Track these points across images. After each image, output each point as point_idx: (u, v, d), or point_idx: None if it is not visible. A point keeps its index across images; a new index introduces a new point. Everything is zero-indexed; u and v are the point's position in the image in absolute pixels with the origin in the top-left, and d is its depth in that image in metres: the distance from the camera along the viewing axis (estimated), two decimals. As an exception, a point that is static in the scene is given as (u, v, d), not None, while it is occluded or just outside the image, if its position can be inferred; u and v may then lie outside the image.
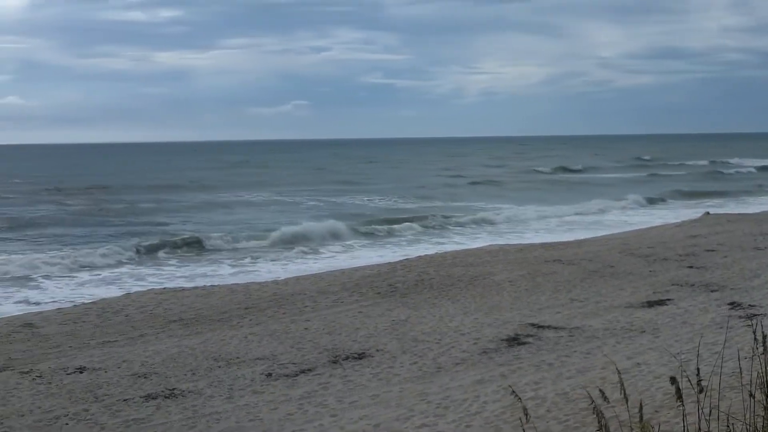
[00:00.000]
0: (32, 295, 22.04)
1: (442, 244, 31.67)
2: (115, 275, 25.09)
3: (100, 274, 25.20)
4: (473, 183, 68.10)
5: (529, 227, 38.00)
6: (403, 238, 34.20)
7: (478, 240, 32.03)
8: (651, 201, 49.96)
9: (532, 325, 14.71)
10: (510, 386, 6.66)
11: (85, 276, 24.98)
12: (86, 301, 19.29)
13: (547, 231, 35.81)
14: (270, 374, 12.24)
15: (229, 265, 26.91)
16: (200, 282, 22.55)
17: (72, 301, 20.15)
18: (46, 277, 24.64)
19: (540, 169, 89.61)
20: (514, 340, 13.63)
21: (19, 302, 21.02)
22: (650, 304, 16.15)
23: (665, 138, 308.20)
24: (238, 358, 13.24)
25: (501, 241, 29.67)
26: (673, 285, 18.15)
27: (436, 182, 70.42)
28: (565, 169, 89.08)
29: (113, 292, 21.41)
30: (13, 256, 28.49)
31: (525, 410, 4.37)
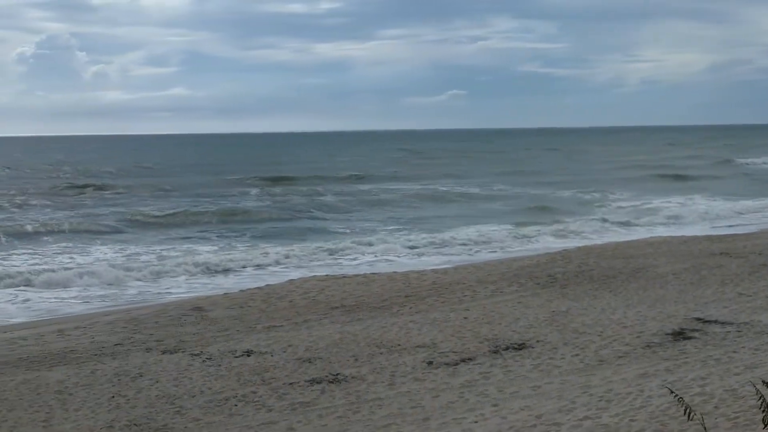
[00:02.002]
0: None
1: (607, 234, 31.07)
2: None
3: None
4: (660, 175, 63.43)
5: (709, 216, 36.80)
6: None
7: (649, 231, 31.23)
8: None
9: (698, 319, 14.29)
10: (671, 383, 6.51)
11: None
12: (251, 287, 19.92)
13: (720, 221, 34.58)
14: (431, 362, 12.35)
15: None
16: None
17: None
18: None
19: (732, 159, 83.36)
20: (680, 335, 13.28)
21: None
22: (826, 300, 15.42)
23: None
24: (399, 345, 13.40)
25: (668, 233, 28.88)
26: None
27: (626, 174, 66.04)
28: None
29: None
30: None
31: (688, 408, 4.27)
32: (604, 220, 35.51)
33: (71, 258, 26.89)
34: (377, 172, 69.97)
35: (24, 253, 27.87)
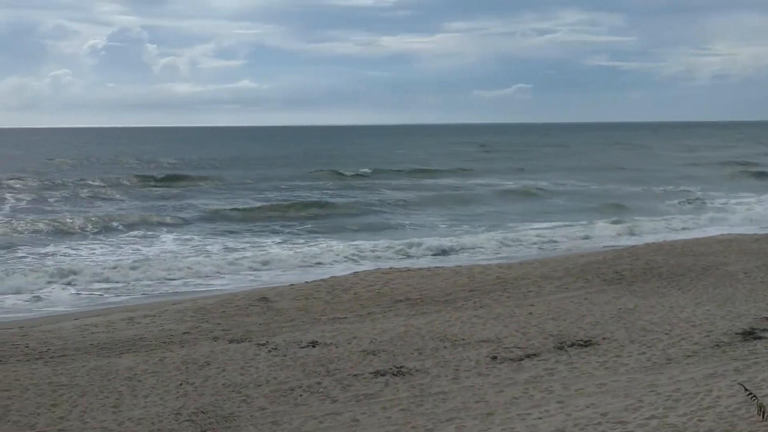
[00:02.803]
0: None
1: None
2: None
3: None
4: (734, 172, 61.93)
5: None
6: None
7: (720, 229, 30.68)
8: None
9: (769, 319, 14.03)
10: (743, 383, 6.40)
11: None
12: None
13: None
14: (495, 357, 12.32)
15: None
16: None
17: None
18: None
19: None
20: (750, 334, 13.04)
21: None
22: None
23: None
24: (463, 339, 13.39)
25: (740, 231, 28.35)
26: None
27: (697, 170, 64.10)
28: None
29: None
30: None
31: (762, 407, 4.21)
32: (674, 217, 35.05)
33: (150, 247, 27.69)
34: (449, 166, 69.17)
35: (98, 244, 28.55)
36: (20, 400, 10.79)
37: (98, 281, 21.53)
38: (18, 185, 50.03)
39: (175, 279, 22.06)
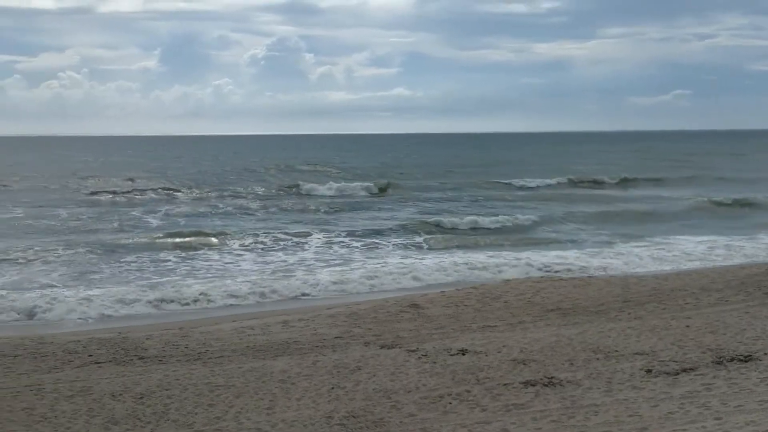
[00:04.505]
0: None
1: None
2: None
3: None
4: None
5: None
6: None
7: None
8: None
9: None
10: None
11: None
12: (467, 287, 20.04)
13: None
14: (650, 370, 12.00)
15: None
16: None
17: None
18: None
19: None
20: None
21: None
22: None
23: None
24: (616, 351, 13.11)
25: None
26: None
27: None
28: None
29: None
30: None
31: None
32: None
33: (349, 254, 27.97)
34: (639, 175, 65.65)
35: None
36: (179, 400, 11.22)
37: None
38: (227, 194, 51.37)
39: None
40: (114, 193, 50.74)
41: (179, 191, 52.81)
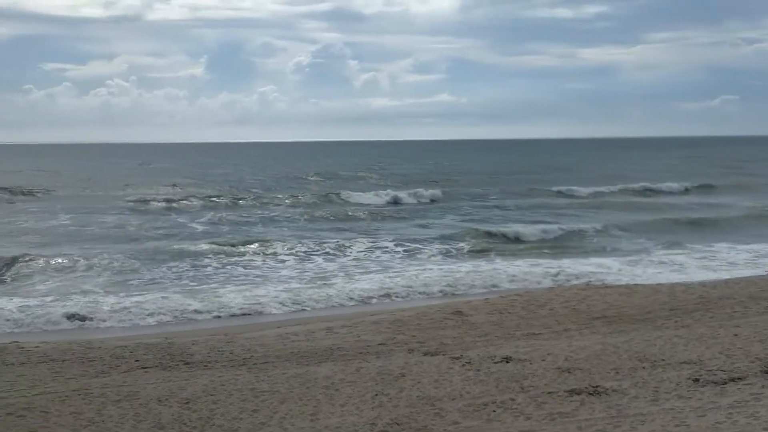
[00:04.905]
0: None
1: None
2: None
3: None
4: None
5: None
6: None
7: None
8: None
9: None
10: None
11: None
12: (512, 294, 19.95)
13: None
14: (697, 379, 11.85)
15: None
16: None
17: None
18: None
19: None
20: None
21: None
22: None
23: None
24: (663, 360, 12.96)
25: None
26: None
27: None
28: None
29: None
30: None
31: None
32: None
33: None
34: (691, 183, 64.23)
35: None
36: (224, 405, 11.28)
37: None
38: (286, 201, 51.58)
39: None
40: (164, 201, 51.13)
41: (223, 197, 53.26)
